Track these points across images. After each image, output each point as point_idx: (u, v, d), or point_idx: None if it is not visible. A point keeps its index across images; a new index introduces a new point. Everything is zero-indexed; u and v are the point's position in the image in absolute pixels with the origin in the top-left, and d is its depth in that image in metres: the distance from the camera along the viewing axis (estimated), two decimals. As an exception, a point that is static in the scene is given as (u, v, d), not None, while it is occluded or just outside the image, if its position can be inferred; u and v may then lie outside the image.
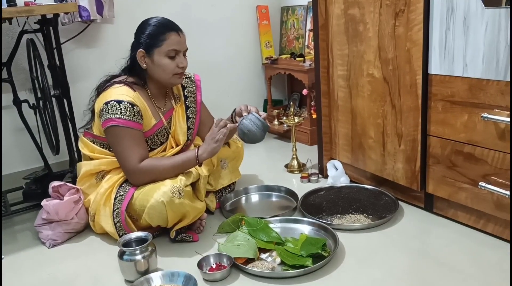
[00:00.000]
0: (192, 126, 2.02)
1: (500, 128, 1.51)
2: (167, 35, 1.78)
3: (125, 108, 1.74)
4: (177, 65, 1.81)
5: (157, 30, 1.78)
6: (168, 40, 1.78)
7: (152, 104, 1.88)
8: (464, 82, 1.59)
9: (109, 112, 1.73)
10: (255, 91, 3.27)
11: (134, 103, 1.76)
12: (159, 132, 1.89)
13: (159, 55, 1.79)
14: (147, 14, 2.68)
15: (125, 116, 1.73)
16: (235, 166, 2.18)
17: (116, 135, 1.75)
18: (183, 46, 1.83)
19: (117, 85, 1.80)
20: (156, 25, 1.80)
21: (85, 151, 1.92)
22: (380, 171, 2.00)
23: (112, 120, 1.73)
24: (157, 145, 1.91)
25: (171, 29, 1.80)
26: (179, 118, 1.97)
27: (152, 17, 1.84)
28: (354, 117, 2.06)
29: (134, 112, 1.75)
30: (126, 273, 1.57)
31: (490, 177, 1.57)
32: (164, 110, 1.92)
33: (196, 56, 2.91)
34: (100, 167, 1.88)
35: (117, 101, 1.74)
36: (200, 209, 1.82)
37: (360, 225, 1.80)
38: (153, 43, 1.78)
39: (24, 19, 2.26)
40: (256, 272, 1.55)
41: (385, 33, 1.81)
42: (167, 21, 1.83)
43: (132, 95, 1.78)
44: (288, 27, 3.22)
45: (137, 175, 1.75)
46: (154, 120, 1.86)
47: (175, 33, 1.80)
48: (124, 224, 1.76)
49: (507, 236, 1.62)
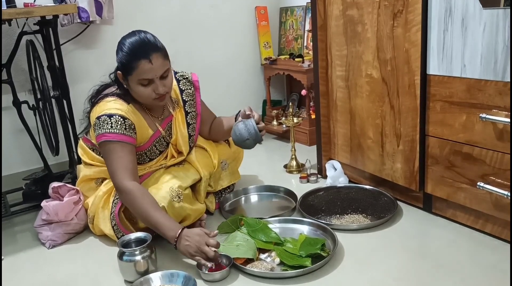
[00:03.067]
0: (193, 132, 1.96)
1: (498, 129, 1.51)
2: (137, 64, 1.65)
3: (115, 122, 1.69)
4: (154, 91, 1.70)
5: (127, 58, 1.67)
6: (138, 69, 1.65)
7: (148, 115, 1.82)
8: (462, 83, 1.59)
9: (101, 126, 1.70)
10: (254, 92, 3.28)
11: (125, 117, 1.71)
12: (157, 142, 1.86)
13: (132, 82, 1.70)
14: (146, 15, 2.71)
15: (116, 130, 1.69)
16: (235, 168, 2.18)
17: (107, 150, 1.70)
18: (157, 72, 1.68)
19: (110, 98, 1.75)
20: (127, 52, 1.67)
21: (85, 159, 1.92)
22: (379, 171, 2.00)
23: (103, 135, 1.69)
24: (156, 155, 1.88)
25: (142, 57, 1.64)
26: (180, 125, 1.91)
27: (129, 37, 1.70)
28: (353, 117, 2.06)
29: (126, 125, 1.71)
30: (126, 274, 1.58)
31: (489, 177, 1.57)
32: (161, 118, 1.87)
33: (195, 57, 2.93)
34: (99, 174, 1.88)
35: (108, 115, 1.70)
36: (200, 211, 1.82)
37: (359, 225, 1.81)
38: (125, 70, 1.69)
39: (24, 21, 2.27)
40: (256, 272, 1.55)
41: (384, 34, 1.81)
42: (140, 46, 1.67)
43: (126, 109, 1.73)
44: (287, 28, 3.23)
45: (119, 192, 1.69)
46: (151, 130, 1.82)
47: (146, 61, 1.64)
48: (121, 226, 1.76)
49: (506, 236, 1.62)
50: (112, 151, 1.70)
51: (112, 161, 1.70)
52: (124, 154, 1.70)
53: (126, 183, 1.66)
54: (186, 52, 2.89)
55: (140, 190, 1.66)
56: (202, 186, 1.90)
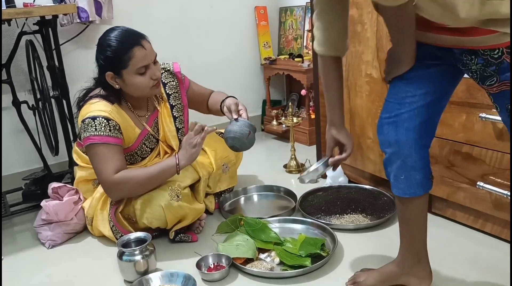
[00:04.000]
0: (181, 125, 1.94)
1: (498, 128, 1.51)
2: (132, 53, 1.64)
3: (99, 124, 1.68)
4: (151, 78, 1.71)
5: (119, 51, 1.65)
6: (134, 58, 1.65)
7: (133, 114, 1.81)
8: (461, 82, 1.58)
9: (86, 129, 1.69)
10: (253, 92, 3.28)
11: (109, 118, 1.69)
12: (146, 140, 1.85)
13: (129, 75, 1.68)
14: (145, 15, 2.71)
15: (100, 132, 1.67)
16: (234, 171, 2.17)
17: (93, 153, 1.69)
18: (151, 57, 1.70)
19: (94, 100, 1.74)
20: (117, 46, 1.65)
21: (79, 162, 1.91)
22: (379, 171, 2.00)
23: (88, 138, 1.68)
24: (147, 153, 1.87)
25: (134, 45, 1.65)
26: (166, 120, 1.89)
27: (109, 32, 1.69)
28: (353, 117, 2.06)
29: (110, 126, 1.69)
30: (126, 274, 1.58)
31: (488, 177, 1.58)
32: (147, 116, 1.85)
33: (195, 57, 2.93)
34: (95, 176, 1.87)
35: (92, 117, 1.68)
36: (199, 210, 1.82)
37: (359, 225, 1.81)
38: (119, 65, 1.66)
39: (23, 21, 2.26)
40: (255, 272, 1.55)
41: (383, 34, 1.81)
42: (127, 36, 1.67)
43: (109, 110, 1.71)
44: (286, 28, 3.23)
45: (111, 187, 1.68)
46: (138, 129, 1.81)
47: (139, 48, 1.65)
48: (119, 227, 1.76)
49: (506, 236, 1.62)
50: (97, 153, 1.68)
51: (98, 162, 1.68)
52: (110, 154, 1.68)
53: (114, 176, 1.65)
54: (186, 52, 2.89)
55: (128, 172, 1.68)
56: (201, 186, 1.90)
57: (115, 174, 1.66)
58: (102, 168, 1.67)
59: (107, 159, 1.67)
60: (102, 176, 1.68)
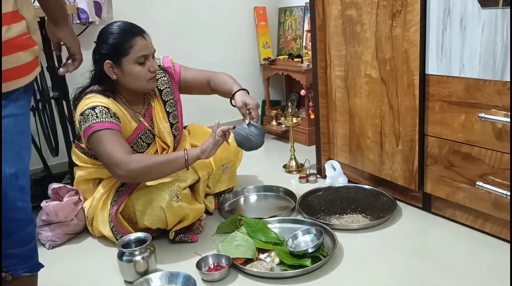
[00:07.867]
0: (175, 120, 1.93)
1: (497, 128, 1.52)
2: (134, 41, 1.68)
3: (100, 112, 1.67)
4: (149, 70, 1.73)
5: (122, 38, 1.69)
6: (135, 46, 1.68)
7: (129, 109, 1.81)
8: (461, 82, 1.59)
9: (86, 120, 1.67)
10: (253, 92, 3.26)
11: (109, 107, 1.70)
12: (143, 134, 1.84)
13: (129, 64, 1.70)
14: (145, 15, 2.71)
15: (102, 119, 1.66)
16: (234, 172, 2.17)
17: (97, 139, 1.65)
18: (151, 49, 1.75)
19: (89, 95, 1.74)
20: (119, 33, 1.69)
21: (78, 163, 1.91)
22: (378, 171, 2.01)
23: (90, 127, 1.66)
24: (144, 148, 1.85)
25: (136, 34, 1.70)
26: (159, 115, 1.89)
27: (111, 24, 1.74)
28: (352, 117, 2.07)
29: (110, 114, 1.68)
30: (126, 274, 1.58)
31: (488, 177, 1.58)
32: (143, 112, 1.85)
33: (194, 57, 2.93)
34: (94, 175, 1.87)
35: (91, 107, 1.68)
36: (199, 210, 1.82)
37: (358, 225, 1.81)
38: (120, 52, 1.69)
39: (23, 21, 2.26)
40: (255, 272, 1.55)
41: (382, 34, 1.82)
42: (130, 26, 1.73)
43: (106, 101, 1.72)
44: (285, 28, 3.23)
45: (127, 165, 1.59)
46: (135, 123, 1.81)
47: (141, 37, 1.70)
48: (119, 228, 1.76)
49: (505, 236, 1.62)
50: (102, 139, 1.64)
51: (105, 147, 1.63)
52: (118, 137, 1.66)
53: (129, 155, 1.62)
54: (185, 52, 2.89)
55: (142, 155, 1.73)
56: (200, 186, 1.90)
57: (129, 155, 1.62)
58: (113, 150, 1.62)
59: (116, 142, 1.64)
60: (114, 157, 1.60)
